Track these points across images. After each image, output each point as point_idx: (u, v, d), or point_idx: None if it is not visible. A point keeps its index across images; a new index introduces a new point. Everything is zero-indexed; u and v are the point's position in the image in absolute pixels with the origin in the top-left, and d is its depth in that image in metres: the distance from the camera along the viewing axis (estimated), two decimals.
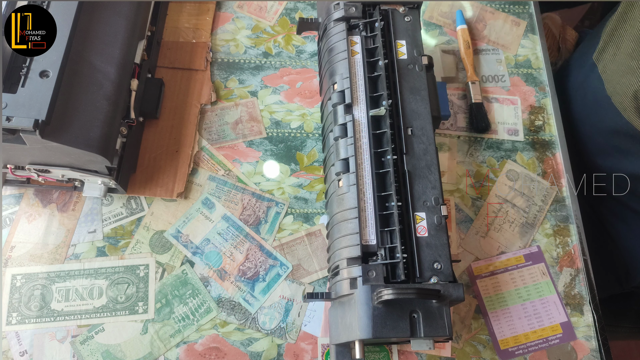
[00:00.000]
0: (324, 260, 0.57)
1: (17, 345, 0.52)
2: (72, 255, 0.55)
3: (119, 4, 0.54)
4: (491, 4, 0.73)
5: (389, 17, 0.55)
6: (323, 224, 0.59)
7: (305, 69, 0.67)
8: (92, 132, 0.48)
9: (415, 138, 0.50)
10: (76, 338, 0.52)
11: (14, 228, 0.56)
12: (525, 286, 0.57)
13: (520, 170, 0.63)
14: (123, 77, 0.52)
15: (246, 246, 0.57)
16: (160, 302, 0.54)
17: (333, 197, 0.50)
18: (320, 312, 0.55)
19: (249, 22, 0.69)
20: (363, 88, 0.52)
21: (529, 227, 0.60)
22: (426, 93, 0.52)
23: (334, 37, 0.55)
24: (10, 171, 0.53)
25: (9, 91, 0.45)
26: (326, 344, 0.54)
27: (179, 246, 0.57)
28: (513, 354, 0.55)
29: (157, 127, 0.61)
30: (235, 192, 0.60)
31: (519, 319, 0.56)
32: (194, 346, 0.53)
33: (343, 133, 0.50)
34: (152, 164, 0.59)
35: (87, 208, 0.58)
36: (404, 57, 0.53)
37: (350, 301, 0.45)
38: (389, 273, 0.44)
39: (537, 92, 0.68)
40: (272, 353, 0.53)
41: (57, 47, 0.47)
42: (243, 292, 0.55)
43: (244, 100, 0.64)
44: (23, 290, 0.54)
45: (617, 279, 0.76)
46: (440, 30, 0.71)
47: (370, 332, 0.42)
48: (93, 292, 0.54)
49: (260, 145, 0.62)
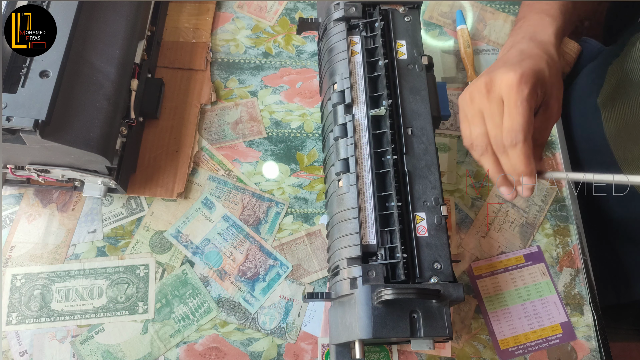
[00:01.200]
0: (324, 260, 0.57)
1: (17, 345, 0.52)
2: (72, 255, 0.55)
3: (119, 4, 0.54)
4: (491, 4, 0.73)
5: (389, 17, 0.55)
6: (323, 224, 0.59)
7: (305, 69, 0.67)
8: (92, 132, 0.48)
9: (415, 138, 0.50)
10: (76, 338, 0.52)
11: (14, 228, 0.56)
12: (525, 286, 0.57)
13: None
14: (123, 77, 0.52)
15: (246, 246, 0.57)
16: (160, 302, 0.54)
17: (333, 197, 0.50)
18: (320, 312, 0.55)
19: (249, 22, 0.69)
20: (363, 88, 0.52)
21: (529, 227, 0.60)
22: (426, 93, 0.52)
23: (334, 37, 0.55)
24: (10, 171, 0.53)
25: (9, 91, 0.45)
26: (326, 344, 0.54)
27: (179, 246, 0.57)
28: (513, 354, 0.55)
29: (157, 127, 0.61)
30: (235, 192, 0.60)
31: (519, 319, 0.56)
32: (194, 346, 0.53)
33: (343, 133, 0.50)
34: (152, 164, 0.59)
35: (87, 208, 0.58)
36: (404, 57, 0.53)
37: (350, 301, 0.45)
38: (389, 273, 0.44)
39: None
40: (272, 353, 0.53)
41: (57, 47, 0.47)
42: (243, 292, 0.55)
43: (244, 100, 0.64)
44: (23, 290, 0.54)
45: (614, 287, 0.75)
46: (440, 30, 0.71)
47: (370, 332, 0.42)
48: (93, 292, 0.54)
49: (260, 145, 0.62)
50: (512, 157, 0.43)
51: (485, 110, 0.44)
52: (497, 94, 0.43)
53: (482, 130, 0.45)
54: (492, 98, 0.43)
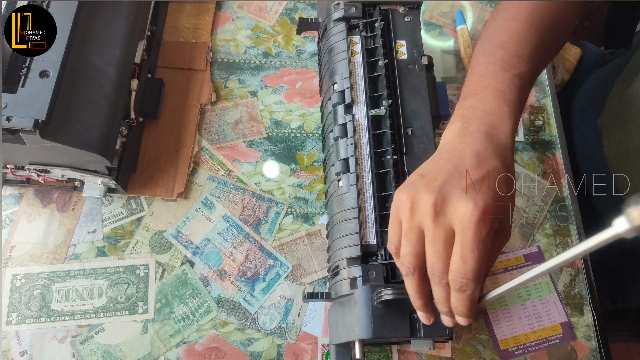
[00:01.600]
0: (324, 260, 0.57)
1: (17, 345, 0.52)
2: (72, 255, 0.55)
3: (119, 4, 0.54)
4: (491, 4, 0.73)
5: (389, 17, 0.55)
6: (323, 224, 0.59)
7: (305, 69, 0.67)
8: (92, 132, 0.48)
9: (415, 138, 0.50)
10: (76, 338, 0.52)
11: (14, 228, 0.56)
12: (525, 286, 0.57)
13: (520, 170, 0.63)
14: (123, 77, 0.52)
15: (246, 246, 0.57)
16: (160, 302, 0.54)
17: (333, 197, 0.50)
18: (320, 312, 0.55)
19: (249, 22, 0.69)
20: (363, 88, 0.52)
21: (529, 227, 0.60)
22: (426, 93, 0.52)
23: (334, 37, 0.55)
24: (10, 171, 0.53)
25: (9, 91, 0.45)
26: (326, 344, 0.54)
27: (179, 246, 0.57)
28: (513, 354, 0.55)
29: (157, 127, 0.61)
30: (235, 192, 0.60)
31: (519, 319, 0.56)
32: (194, 346, 0.53)
33: (343, 133, 0.50)
34: (152, 164, 0.59)
35: (87, 208, 0.57)
36: (404, 57, 0.53)
37: (350, 301, 0.45)
38: (389, 273, 0.44)
39: (537, 92, 0.68)
40: (272, 353, 0.53)
41: (57, 47, 0.47)
42: (243, 292, 0.55)
43: (244, 100, 0.64)
44: (23, 290, 0.54)
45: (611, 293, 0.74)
46: (440, 30, 0.71)
47: (370, 332, 0.42)
48: (93, 292, 0.54)
49: (260, 145, 0.62)
50: (454, 298, 0.36)
51: (428, 233, 0.36)
52: (447, 222, 0.35)
53: (416, 250, 0.37)
54: (440, 224, 0.35)
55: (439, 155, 0.40)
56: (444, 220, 0.35)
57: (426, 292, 0.38)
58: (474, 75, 0.45)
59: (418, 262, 0.37)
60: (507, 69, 0.43)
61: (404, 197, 0.37)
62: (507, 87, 0.42)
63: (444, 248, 0.35)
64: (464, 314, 0.36)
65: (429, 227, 0.36)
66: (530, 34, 0.45)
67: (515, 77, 0.43)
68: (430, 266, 0.36)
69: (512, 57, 0.44)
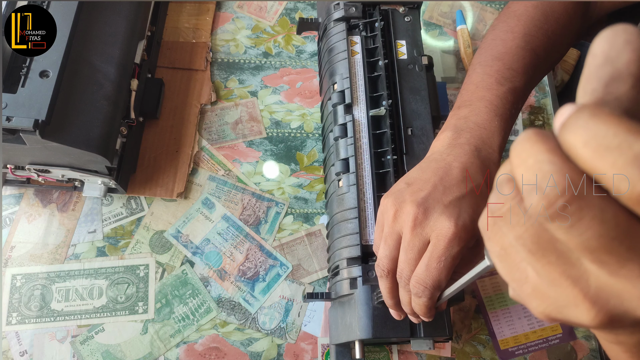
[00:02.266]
0: (324, 260, 0.57)
1: (17, 345, 0.52)
2: (72, 255, 0.55)
3: (119, 4, 0.54)
4: (491, 4, 0.73)
5: (389, 17, 0.55)
6: (323, 224, 0.59)
7: (305, 69, 0.67)
8: (92, 132, 0.48)
9: (415, 138, 0.50)
10: (76, 338, 0.52)
11: (14, 228, 0.56)
12: None
13: None
14: (123, 77, 0.52)
15: (246, 246, 0.57)
16: (160, 302, 0.54)
17: (333, 197, 0.50)
18: (320, 312, 0.55)
19: (249, 22, 0.69)
20: (363, 88, 0.52)
21: None
22: (426, 93, 0.52)
23: (334, 37, 0.55)
24: (10, 171, 0.53)
25: (9, 91, 0.45)
26: (326, 344, 0.54)
27: (179, 246, 0.57)
28: (513, 354, 0.55)
29: (157, 127, 0.61)
30: (235, 192, 0.60)
31: (518, 319, 0.56)
32: (194, 346, 0.53)
33: (343, 133, 0.50)
34: (152, 164, 0.59)
35: (87, 208, 0.58)
36: (404, 57, 0.53)
37: (350, 301, 0.45)
38: None
39: (536, 92, 0.68)
40: (272, 353, 0.53)
41: (57, 47, 0.47)
42: (243, 292, 0.55)
43: (244, 100, 0.64)
44: (23, 290, 0.54)
45: None
46: (440, 30, 0.71)
47: (370, 332, 0.42)
48: (93, 292, 0.54)
49: (260, 145, 0.62)
50: (413, 302, 0.38)
51: (405, 240, 0.37)
52: (424, 234, 0.37)
53: (392, 255, 0.39)
54: (418, 234, 0.37)
55: (427, 164, 0.41)
56: (421, 231, 0.37)
57: (397, 293, 0.40)
58: (469, 85, 0.45)
59: (392, 267, 0.39)
60: (503, 82, 0.44)
61: (389, 204, 0.39)
62: (501, 101, 0.43)
63: (416, 257, 0.37)
64: (423, 315, 0.38)
65: (406, 235, 0.37)
66: (526, 55, 0.46)
67: (509, 92, 0.43)
68: (399, 270, 0.38)
69: (508, 70, 0.44)
